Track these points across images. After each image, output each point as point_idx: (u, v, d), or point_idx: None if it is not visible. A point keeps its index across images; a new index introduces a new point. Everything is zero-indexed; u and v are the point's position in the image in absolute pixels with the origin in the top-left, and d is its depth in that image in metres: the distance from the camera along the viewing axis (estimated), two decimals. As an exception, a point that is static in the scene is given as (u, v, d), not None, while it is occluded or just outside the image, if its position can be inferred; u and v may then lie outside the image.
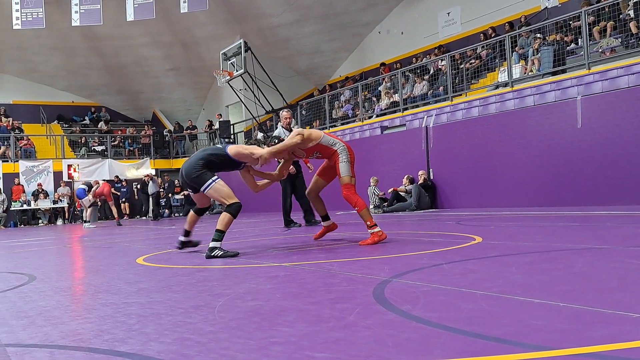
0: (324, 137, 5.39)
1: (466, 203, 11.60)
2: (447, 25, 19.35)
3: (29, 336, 2.38)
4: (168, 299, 3.06)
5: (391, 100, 16.08)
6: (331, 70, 24.45)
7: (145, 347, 2.06)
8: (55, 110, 25.67)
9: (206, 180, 5.14)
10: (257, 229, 9.17)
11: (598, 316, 2.08)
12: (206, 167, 5.18)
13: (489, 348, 1.79)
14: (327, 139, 5.40)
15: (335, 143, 5.38)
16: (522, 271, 3.25)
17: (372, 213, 8.29)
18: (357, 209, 5.24)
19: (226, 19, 21.82)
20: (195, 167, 5.18)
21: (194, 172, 5.18)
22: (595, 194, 9.38)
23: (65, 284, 4.05)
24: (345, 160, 5.31)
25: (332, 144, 5.37)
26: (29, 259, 6.27)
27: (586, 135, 9.59)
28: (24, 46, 22.84)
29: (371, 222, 5.22)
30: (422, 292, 2.75)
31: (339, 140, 5.45)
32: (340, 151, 5.35)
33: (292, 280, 3.44)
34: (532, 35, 13.08)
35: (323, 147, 5.38)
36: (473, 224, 7.01)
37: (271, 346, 1.97)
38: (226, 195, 5.12)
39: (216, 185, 5.14)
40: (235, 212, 5.07)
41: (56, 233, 13.02)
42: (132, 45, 23.19)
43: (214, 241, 4.99)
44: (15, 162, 20.78)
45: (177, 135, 24.86)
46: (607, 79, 10.31)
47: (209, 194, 5.24)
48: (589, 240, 4.66)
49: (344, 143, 5.44)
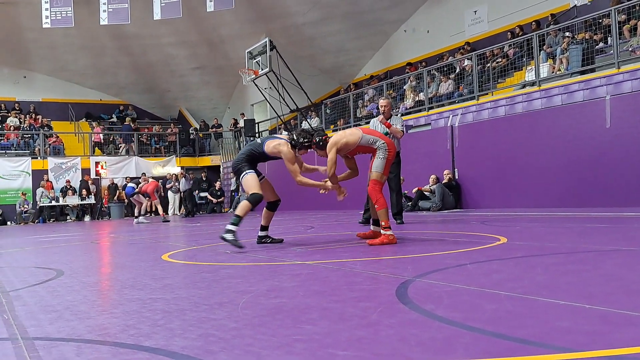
0: (363, 138, 5.35)
1: (491, 203, 11.48)
2: (473, 23, 19.16)
3: (56, 330, 2.43)
4: (193, 295, 3.09)
5: (417, 99, 15.99)
6: (356, 69, 24.40)
7: (170, 343, 2.09)
8: (84, 108, 26.10)
9: (242, 172, 5.60)
10: (280, 227, 9.20)
11: (626, 319, 2.05)
12: (247, 161, 5.63)
13: (512, 349, 1.77)
14: (367, 138, 5.35)
15: (376, 141, 5.34)
16: (548, 272, 3.20)
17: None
18: (377, 206, 5.23)
19: (252, 18, 21.92)
20: (238, 161, 5.70)
21: (236, 165, 5.70)
22: (624, 195, 9.21)
23: (92, 279, 4.12)
24: (382, 157, 5.28)
25: (372, 143, 5.34)
26: (57, 254, 6.38)
27: (615, 136, 9.41)
28: (54, 45, 23.25)
29: (386, 224, 5.19)
30: (445, 292, 2.74)
31: (380, 138, 5.39)
32: (378, 148, 5.32)
33: (315, 278, 3.45)
34: (561, 33, 12.88)
35: (363, 147, 5.40)
36: (498, 225, 6.94)
37: (294, 343, 1.98)
38: (250, 187, 5.52)
39: (247, 176, 5.56)
40: (254, 200, 5.43)
41: (84, 229, 13.23)
42: (159, 44, 23.44)
43: (231, 224, 5.34)
44: (44, 159, 21.18)
45: (203, 133, 25.05)
46: (637, 79, 10.09)
47: (242, 185, 5.69)
48: (617, 241, 4.57)
49: (386, 140, 5.38)
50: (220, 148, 24.28)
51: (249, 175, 5.55)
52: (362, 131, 5.44)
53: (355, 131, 5.48)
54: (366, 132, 5.46)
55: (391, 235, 5.18)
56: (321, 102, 20.39)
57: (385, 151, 5.29)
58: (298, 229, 8.54)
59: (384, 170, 5.30)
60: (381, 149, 5.30)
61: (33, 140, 21.98)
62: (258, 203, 5.45)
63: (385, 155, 5.28)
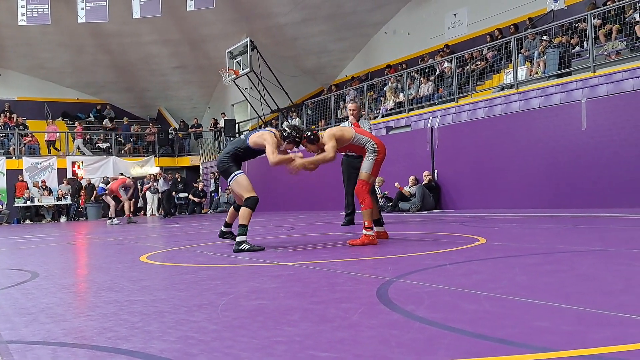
0: (356, 137, 5.38)
1: (470, 204, 11.58)
2: (453, 26, 19.32)
3: (31, 333, 2.39)
4: (171, 297, 3.06)
5: (397, 101, 16.06)
6: (337, 70, 24.45)
7: (148, 345, 2.06)
8: (60, 107, 25.73)
9: (230, 174, 5.43)
10: (260, 227, 9.17)
11: (602, 318, 2.08)
12: (233, 160, 5.47)
13: (492, 349, 1.78)
14: (359, 138, 5.38)
15: (367, 142, 5.37)
16: (526, 273, 3.24)
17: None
18: (362, 206, 5.26)
19: (233, 18, 21.84)
20: (223, 161, 5.51)
21: (221, 166, 5.51)
22: (599, 196, 9.36)
23: (68, 281, 4.06)
24: (371, 158, 5.31)
25: (363, 143, 5.37)
26: (32, 255, 6.28)
27: (591, 138, 9.56)
28: (31, 43, 22.90)
29: (369, 224, 5.23)
30: (426, 292, 2.75)
31: (371, 139, 5.42)
32: (368, 149, 5.34)
33: (297, 279, 3.44)
34: (538, 37, 13.05)
35: (355, 146, 5.42)
36: (477, 225, 7.00)
37: (275, 345, 1.97)
38: (244, 189, 5.35)
39: (238, 179, 5.40)
40: (253, 205, 5.31)
41: (60, 230, 13.05)
42: (139, 43, 23.23)
43: (239, 235, 5.25)
44: (19, 159, 20.84)
45: (182, 133, 24.89)
46: (612, 82, 10.27)
47: (231, 187, 5.53)
48: (593, 242, 4.64)
49: (377, 141, 5.41)
50: (200, 148, 24.14)
51: (239, 176, 5.39)
52: (354, 130, 5.48)
53: (349, 128, 5.55)
54: (358, 132, 5.50)
55: (372, 236, 5.21)
56: (302, 102, 20.38)
57: (375, 152, 5.32)
58: (279, 229, 8.52)
59: (372, 171, 5.33)
60: (371, 150, 5.33)
61: (8, 139, 21.61)
62: (256, 205, 5.38)
63: (375, 156, 5.32)
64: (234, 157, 5.48)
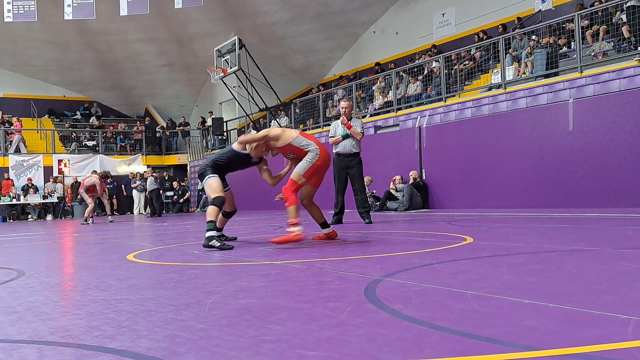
0: (296, 139, 5.27)
1: (458, 203, 11.63)
2: (441, 26, 19.39)
3: (17, 332, 2.36)
4: (159, 295, 3.05)
5: (385, 100, 16.10)
6: (326, 69, 24.46)
7: (135, 344, 2.05)
8: (47, 105, 25.54)
9: (205, 177, 5.62)
10: (248, 227, 9.15)
11: (588, 317, 2.09)
12: (212, 167, 5.65)
13: (480, 348, 1.79)
14: (300, 140, 5.27)
15: (309, 145, 5.24)
16: (513, 272, 3.26)
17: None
18: (287, 203, 5.15)
19: (221, 16, 21.76)
20: (202, 167, 5.74)
21: (200, 170, 5.75)
22: (585, 196, 9.44)
23: (54, 279, 4.03)
24: (309, 160, 5.18)
25: (304, 146, 5.25)
26: (18, 254, 6.22)
27: (577, 138, 9.64)
28: (17, 39, 22.69)
29: (293, 221, 5.11)
30: (413, 291, 2.75)
31: (314, 143, 5.29)
32: (310, 151, 5.23)
33: (284, 278, 3.44)
34: (526, 37, 13.14)
35: (295, 147, 5.29)
36: (464, 225, 7.03)
37: (262, 344, 1.96)
38: (212, 190, 5.50)
39: (209, 180, 5.56)
40: (219, 203, 5.44)
41: (46, 228, 12.94)
42: (126, 41, 23.08)
43: (208, 231, 5.30)
44: (5, 157, 20.63)
45: (170, 132, 24.76)
46: (599, 83, 10.36)
47: (205, 189, 5.66)
48: (579, 242, 4.68)
49: (320, 146, 5.27)
50: (188, 147, 24.05)
51: (211, 179, 5.54)
52: (299, 133, 5.39)
53: (292, 131, 5.47)
54: (304, 135, 5.39)
55: (295, 233, 5.07)
56: (290, 101, 20.37)
57: (315, 156, 5.19)
58: (266, 228, 8.51)
59: (306, 174, 5.19)
60: (312, 152, 5.21)
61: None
62: (222, 204, 5.53)
63: (314, 160, 5.18)
64: (215, 166, 5.66)
